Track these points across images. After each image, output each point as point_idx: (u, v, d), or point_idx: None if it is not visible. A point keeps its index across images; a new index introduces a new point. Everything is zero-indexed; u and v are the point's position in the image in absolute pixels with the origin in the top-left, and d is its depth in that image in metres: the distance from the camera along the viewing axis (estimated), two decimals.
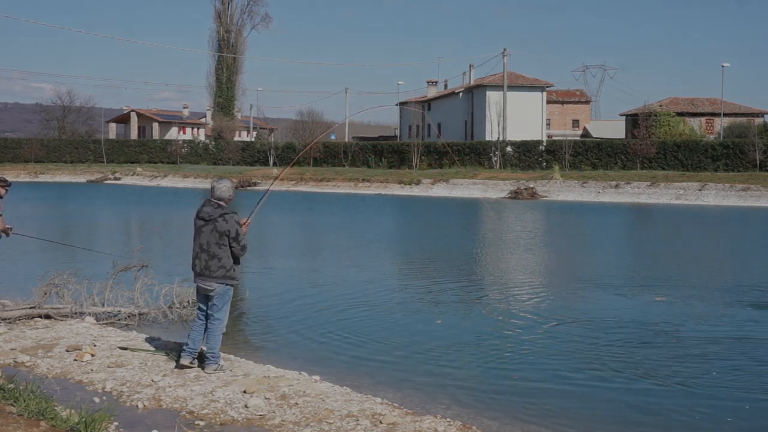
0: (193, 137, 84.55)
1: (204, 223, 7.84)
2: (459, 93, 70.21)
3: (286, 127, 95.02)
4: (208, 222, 7.82)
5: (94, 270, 12.82)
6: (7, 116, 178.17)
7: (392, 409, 6.93)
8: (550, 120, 74.35)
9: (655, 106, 67.25)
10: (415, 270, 17.37)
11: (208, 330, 7.93)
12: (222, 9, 79.45)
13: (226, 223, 7.77)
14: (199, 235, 7.86)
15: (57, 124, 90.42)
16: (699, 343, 10.21)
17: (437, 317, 11.80)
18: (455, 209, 37.43)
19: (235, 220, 7.83)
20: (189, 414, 6.65)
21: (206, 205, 7.92)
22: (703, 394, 8.10)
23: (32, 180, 63.81)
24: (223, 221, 7.77)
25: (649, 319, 11.59)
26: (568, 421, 7.28)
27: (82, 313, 10.66)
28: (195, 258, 7.90)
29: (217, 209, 7.84)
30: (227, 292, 7.94)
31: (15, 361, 8.17)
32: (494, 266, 18.21)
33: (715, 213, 35.66)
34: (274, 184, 45.34)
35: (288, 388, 7.34)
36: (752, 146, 49.05)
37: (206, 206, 7.91)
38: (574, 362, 9.20)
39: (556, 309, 12.43)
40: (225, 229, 7.76)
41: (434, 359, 9.38)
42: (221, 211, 7.82)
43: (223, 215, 7.80)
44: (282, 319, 11.60)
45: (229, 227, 7.76)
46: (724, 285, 14.81)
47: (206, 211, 7.87)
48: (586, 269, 17.40)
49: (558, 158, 54.30)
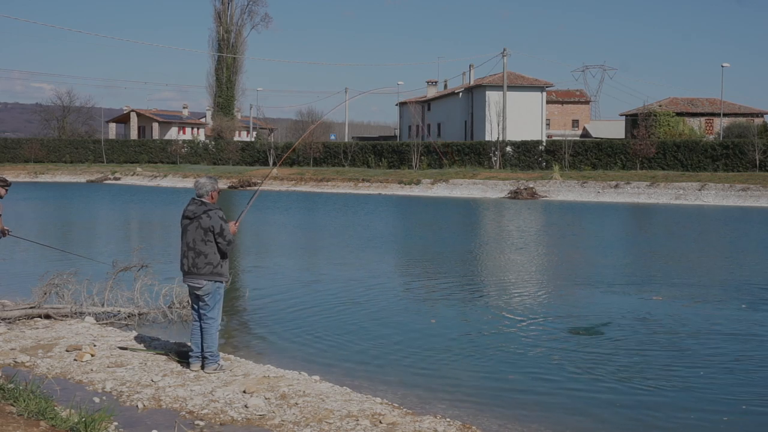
0: (193, 137, 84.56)
1: (189, 221, 7.90)
2: (459, 93, 70.18)
3: (286, 127, 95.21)
4: (192, 220, 7.87)
5: (94, 270, 12.82)
6: (7, 116, 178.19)
7: (392, 409, 6.93)
8: (549, 120, 74.36)
9: (654, 106, 67.24)
10: (415, 270, 17.37)
11: (204, 330, 7.94)
12: (222, 9, 79.45)
13: (210, 219, 7.80)
14: (185, 233, 7.91)
15: (57, 124, 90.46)
16: (696, 342, 10.22)
17: (436, 317, 11.80)
18: (455, 209, 37.41)
19: (219, 216, 7.86)
20: (189, 414, 6.65)
21: (191, 204, 7.99)
22: (702, 394, 8.10)
23: (32, 180, 63.82)
24: (207, 217, 7.81)
25: (646, 319, 11.59)
26: (568, 421, 7.29)
27: (82, 313, 10.66)
28: (183, 257, 7.95)
29: (201, 206, 7.89)
30: (217, 290, 7.95)
31: (15, 361, 8.17)
32: (492, 266, 18.20)
33: (715, 213, 35.65)
34: (274, 184, 45.22)
35: (288, 388, 7.34)
36: (752, 146, 49.05)
37: (190, 205, 7.98)
38: (573, 361, 9.20)
39: (555, 308, 12.45)
40: (209, 225, 7.79)
41: (434, 359, 9.38)
42: (205, 207, 7.88)
43: (207, 212, 7.84)
44: (282, 318, 11.59)
45: (213, 223, 7.79)
46: (720, 284, 14.82)
47: (190, 209, 7.93)
48: (584, 269, 17.39)
49: (558, 158, 54.31)
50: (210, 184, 8.04)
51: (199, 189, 8.00)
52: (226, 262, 8.01)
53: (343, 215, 32.97)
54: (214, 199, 8.03)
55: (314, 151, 64.71)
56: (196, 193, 8.02)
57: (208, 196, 7.97)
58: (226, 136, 76.17)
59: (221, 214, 7.90)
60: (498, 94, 61.60)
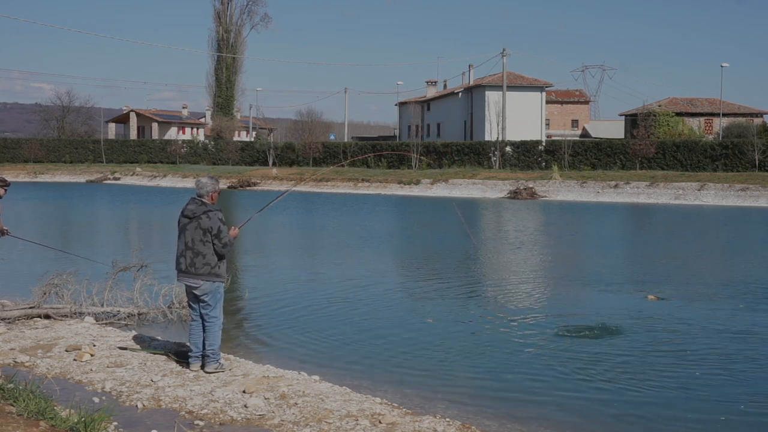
0: (193, 137, 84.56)
1: (188, 221, 7.89)
2: (458, 93, 70.19)
3: (286, 127, 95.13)
4: (192, 219, 7.86)
5: (94, 270, 12.82)
6: (7, 116, 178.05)
7: (392, 409, 6.94)
8: (549, 120, 74.35)
9: (654, 106, 67.25)
10: (413, 270, 17.37)
11: (206, 329, 7.93)
12: (221, 9, 79.44)
13: (209, 220, 7.79)
14: (184, 232, 7.90)
15: (56, 124, 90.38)
16: (694, 341, 10.23)
17: (436, 317, 11.80)
18: (454, 209, 37.37)
19: (219, 217, 7.85)
20: (188, 414, 6.65)
21: (190, 203, 7.98)
22: (701, 393, 8.12)
23: (32, 180, 63.80)
24: (207, 218, 7.80)
25: (644, 318, 11.60)
26: (567, 421, 7.29)
27: (82, 313, 10.66)
28: (180, 256, 7.92)
29: (201, 206, 7.88)
30: (217, 289, 7.95)
31: (14, 361, 8.17)
32: (492, 265, 18.20)
33: (714, 213, 35.66)
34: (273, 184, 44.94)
35: (287, 388, 7.35)
36: (751, 146, 49.06)
37: (190, 204, 7.97)
38: (573, 361, 9.21)
39: (554, 308, 12.45)
40: (208, 225, 7.78)
41: (433, 359, 9.39)
42: (205, 208, 7.87)
43: (207, 212, 7.83)
44: (281, 318, 11.60)
45: (211, 224, 7.78)
46: (719, 283, 14.82)
47: (190, 208, 7.92)
48: (582, 268, 17.40)
49: (557, 158, 54.31)
50: (211, 185, 8.02)
51: (200, 189, 7.99)
52: (224, 263, 8.00)
53: (342, 215, 32.97)
54: (214, 200, 8.02)
55: (314, 151, 64.72)
56: (196, 192, 8.01)
57: (208, 197, 7.97)
58: (225, 136, 76.15)
59: (221, 216, 7.89)
60: (498, 94, 61.60)
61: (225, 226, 7.88)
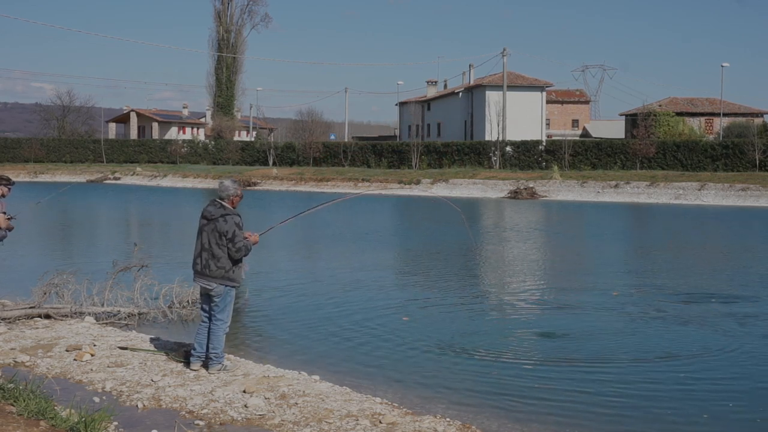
0: (193, 137, 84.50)
1: (206, 222, 7.86)
2: (459, 93, 70.19)
3: (286, 127, 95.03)
4: (210, 221, 7.84)
5: (94, 270, 12.82)
6: (7, 116, 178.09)
7: (392, 409, 6.93)
8: (549, 120, 74.32)
9: (654, 106, 67.21)
10: (415, 270, 17.37)
11: (211, 330, 7.93)
12: (222, 9, 79.49)
13: (225, 224, 7.76)
14: (201, 234, 7.88)
15: (57, 124, 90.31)
16: (690, 340, 10.23)
17: (436, 317, 11.81)
18: (454, 209, 37.37)
19: (235, 221, 7.81)
20: (189, 414, 6.65)
21: (210, 204, 7.96)
22: (700, 392, 8.13)
23: (32, 180, 63.77)
24: (223, 221, 7.77)
25: (643, 317, 11.61)
26: (567, 420, 7.29)
27: (82, 313, 10.66)
28: (197, 257, 7.91)
29: (220, 209, 7.85)
30: (228, 293, 7.93)
31: (15, 361, 8.17)
32: (492, 265, 18.19)
33: (714, 213, 35.65)
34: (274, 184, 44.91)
35: (288, 388, 7.35)
36: (751, 146, 49.05)
37: (210, 205, 7.95)
38: (572, 361, 9.21)
39: (554, 308, 12.45)
40: (224, 229, 7.75)
41: (433, 359, 9.38)
42: (223, 211, 7.83)
43: (224, 216, 7.80)
44: (282, 318, 11.60)
45: (227, 228, 7.75)
46: (717, 284, 14.84)
47: (209, 210, 7.90)
48: (580, 268, 17.41)
49: (557, 158, 54.30)
50: (233, 189, 7.95)
51: (221, 191, 7.94)
52: (239, 268, 7.92)
53: (342, 215, 32.95)
54: (234, 204, 7.96)
55: (314, 150, 64.73)
56: (218, 194, 7.99)
57: (228, 200, 7.91)
58: (225, 135, 76.17)
59: (237, 220, 7.83)
60: (498, 93, 61.58)
61: (240, 231, 7.81)
